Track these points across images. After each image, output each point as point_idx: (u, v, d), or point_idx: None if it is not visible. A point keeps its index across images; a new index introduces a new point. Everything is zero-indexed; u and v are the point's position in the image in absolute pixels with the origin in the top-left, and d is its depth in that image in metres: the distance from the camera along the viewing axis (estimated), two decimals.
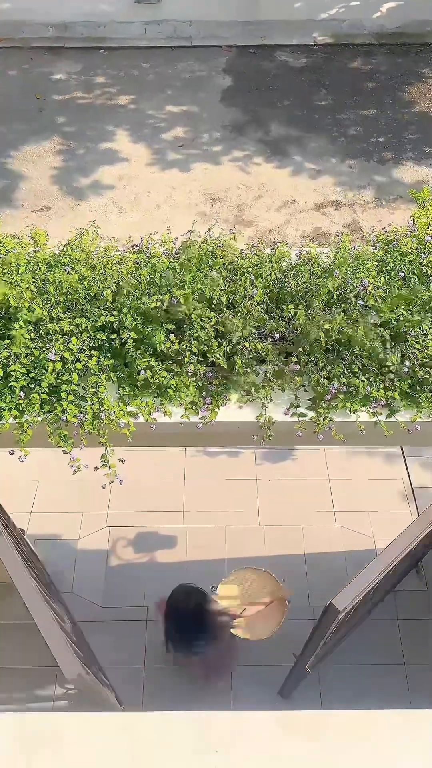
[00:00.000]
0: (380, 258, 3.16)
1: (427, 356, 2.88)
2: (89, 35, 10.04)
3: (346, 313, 2.92)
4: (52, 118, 8.95)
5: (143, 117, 9.00)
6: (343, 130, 8.85)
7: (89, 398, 2.82)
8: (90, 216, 7.70)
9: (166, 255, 3.14)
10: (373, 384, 2.89)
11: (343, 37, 10.14)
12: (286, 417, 2.92)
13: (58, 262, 3.10)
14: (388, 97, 9.30)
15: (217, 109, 9.13)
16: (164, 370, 2.84)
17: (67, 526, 5.69)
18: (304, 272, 3.04)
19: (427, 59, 9.92)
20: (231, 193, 8.13)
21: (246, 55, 9.93)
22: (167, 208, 7.95)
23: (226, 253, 3.09)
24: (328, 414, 2.89)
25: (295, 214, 7.93)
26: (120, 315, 2.86)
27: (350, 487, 5.98)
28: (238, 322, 2.84)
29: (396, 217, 7.77)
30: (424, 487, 6.00)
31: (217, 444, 5.07)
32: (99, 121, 8.93)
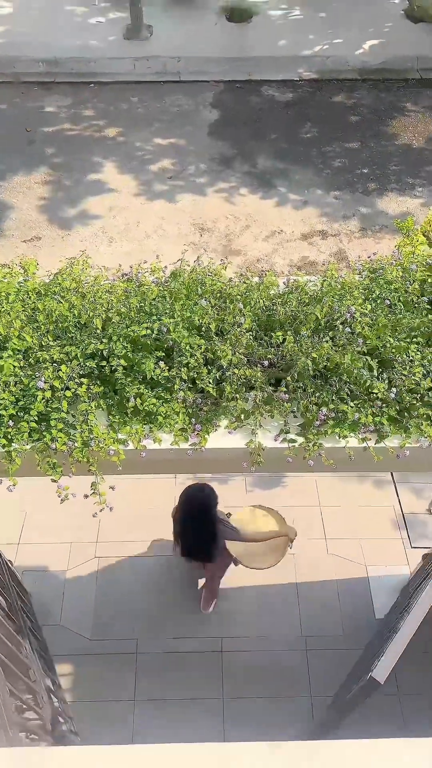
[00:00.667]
0: (366, 286, 3.21)
1: (414, 382, 2.91)
2: (79, 70, 10.26)
3: (334, 340, 2.95)
4: (42, 150, 9.08)
5: (131, 149, 9.15)
6: (328, 163, 9.04)
7: (78, 426, 2.81)
8: (80, 246, 7.77)
9: (156, 283, 3.17)
10: (361, 410, 2.90)
11: (327, 73, 10.43)
12: (276, 443, 2.92)
13: (48, 291, 3.12)
14: (372, 131, 9.54)
15: (204, 142, 9.31)
16: (154, 397, 2.85)
17: (55, 557, 5.61)
18: (292, 300, 3.07)
19: (408, 94, 10.21)
20: (219, 223, 8.24)
21: (233, 90, 10.18)
22: (157, 238, 8.04)
23: (215, 281, 3.12)
24: (318, 440, 2.90)
25: (282, 243, 8.05)
26: (110, 342, 2.87)
27: (341, 514, 5.96)
28: (228, 348, 2.86)
29: (381, 247, 7.91)
30: (415, 513, 6.00)
31: (208, 471, 5.05)
32: (88, 153, 9.07)
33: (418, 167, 9.00)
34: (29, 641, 3.89)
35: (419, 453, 2.99)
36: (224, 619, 5.35)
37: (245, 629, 5.30)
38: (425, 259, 3.36)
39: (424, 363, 2.95)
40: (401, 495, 6.10)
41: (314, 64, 10.46)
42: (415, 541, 5.81)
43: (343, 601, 5.46)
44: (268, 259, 7.81)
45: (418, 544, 5.76)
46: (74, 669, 5.11)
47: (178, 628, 5.29)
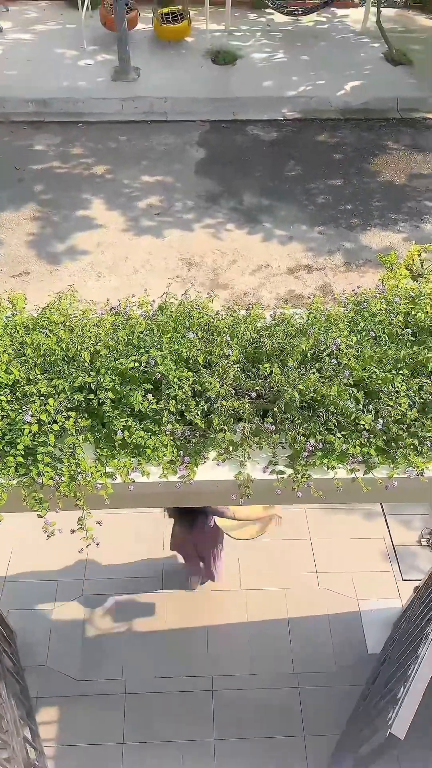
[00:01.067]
0: (351, 318, 3.25)
1: (400, 413, 2.93)
2: (68, 110, 10.48)
3: (320, 372, 2.98)
4: (31, 187, 9.21)
5: (119, 186, 9.31)
6: (313, 199, 9.24)
7: (66, 459, 2.79)
8: (68, 280, 7.82)
9: (144, 317, 3.20)
10: (349, 441, 2.91)
11: (310, 113, 10.73)
12: (264, 475, 2.92)
13: (37, 325, 3.13)
14: (354, 168, 9.78)
15: (191, 179, 9.49)
16: (142, 430, 2.84)
17: (42, 595, 5.50)
18: (279, 332, 3.10)
19: (390, 133, 10.51)
20: (206, 258, 8.35)
21: (219, 130, 10.43)
22: (144, 273, 8.12)
23: (202, 314, 3.15)
24: (306, 471, 2.90)
25: (269, 277, 8.16)
26: (98, 375, 2.88)
27: (332, 546, 5.91)
28: (215, 381, 2.87)
29: (366, 280, 8.04)
30: (406, 545, 5.97)
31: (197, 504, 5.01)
32: (76, 190, 9.21)
33: (400, 203, 9.22)
34: (4, 685, 3.76)
35: (407, 484, 2.99)
36: (215, 655, 5.24)
37: (236, 666, 5.20)
38: (408, 292, 3.41)
39: (410, 394, 2.98)
40: (391, 527, 6.08)
41: (298, 105, 10.78)
42: (407, 573, 5.77)
43: (335, 636, 5.38)
44: (255, 293, 7.90)
45: (410, 576, 5.72)
46: (60, 712, 4.97)
47: (168, 666, 5.18)
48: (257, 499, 2.98)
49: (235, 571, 5.71)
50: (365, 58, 11.67)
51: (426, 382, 3.00)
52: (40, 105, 10.48)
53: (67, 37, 11.64)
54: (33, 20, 12.10)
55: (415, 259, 4.58)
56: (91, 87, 10.71)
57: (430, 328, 3.19)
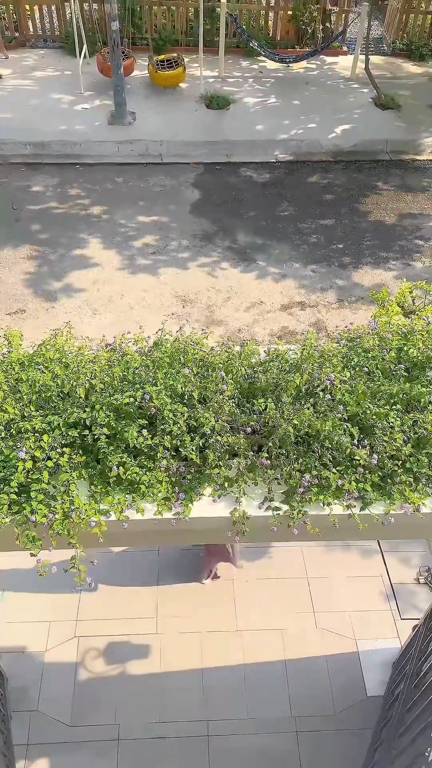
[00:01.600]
0: (345, 354, 3.28)
1: (395, 448, 2.93)
2: (65, 153, 10.72)
3: (315, 407, 2.99)
4: (28, 227, 9.35)
5: (116, 226, 9.46)
6: (305, 238, 9.40)
7: (59, 497, 2.77)
8: (64, 317, 7.88)
9: (139, 353, 3.22)
10: (344, 476, 2.90)
11: (302, 155, 11.01)
12: (260, 511, 2.90)
13: (32, 362, 3.14)
14: (346, 208, 9.99)
15: (186, 219, 9.67)
16: (137, 466, 2.83)
17: (33, 637, 5.37)
18: (273, 368, 3.12)
19: (379, 174, 10.78)
20: (201, 295, 8.45)
21: (213, 171, 10.68)
22: (140, 310, 8.19)
23: (197, 350, 3.18)
24: (302, 507, 2.88)
25: (263, 314, 8.24)
26: (93, 411, 2.87)
27: (329, 585, 5.83)
28: (210, 416, 2.88)
29: (358, 317, 8.13)
30: (403, 583, 5.89)
31: (192, 542, 4.96)
32: (73, 230, 9.35)
33: (390, 242, 9.39)
34: None
35: (404, 520, 2.97)
36: (210, 698, 5.11)
37: (233, 710, 5.06)
38: (400, 328, 3.46)
39: (404, 429, 2.99)
40: (389, 564, 6.01)
41: (290, 147, 11.07)
42: (405, 612, 5.68)
43: (334, 677, 5.26)
44: (249, 329, 7.96)
45: (408, 615, 5.63)
46: (51, 760, 4.80)
47: (162, 711, 5.03)
48: (253, 537, 2.95)
49: (231, 611, 5.61)
50: (355, 103, 12.05)
51: (420, 417, 3.01)
52: (38, 147, 10.71)
53: (65, 83, 11.99)
54: (32, 67, 12.47)
55: (407, 296, 4.65)
56: (88, 130, 10.98)
57: (423, 363, 3.22)
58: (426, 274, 8.59)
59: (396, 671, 5.11)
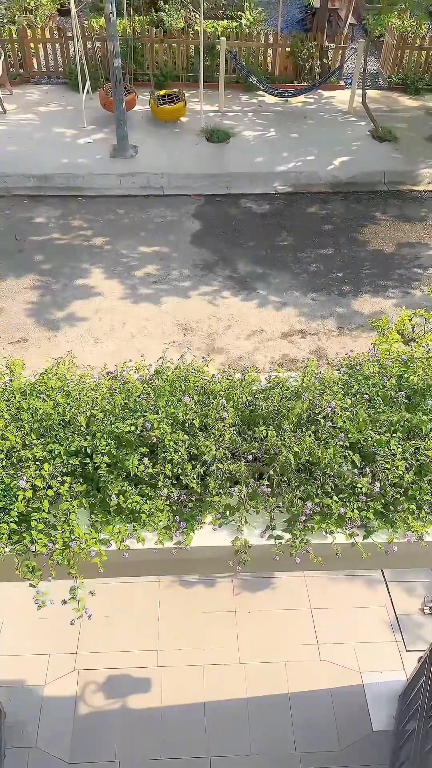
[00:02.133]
0: (345, 381, 3.28)
1: (397, 476, 2.91)
2: (68, 185, 10.90)
3: (316, 434, 2.98)
4: (31, 257, 9.46)
5: (118, 256, 9.57)
6: (305, 267, 9.50)
7: (60, 526, 2.75)
8: (66, 346, 7.92)
9: (141, 381, 3.23)
10: (346, 504, 2.89)
11: (301, 187, 11.19)
12: (262, 540, 2.87)
13: (34, 390, 3.15)
14: (345, 238, 10.11)
15: (187, 249, 9.78)
16: (137, 495, 2.82)
17: (32, 670, 5.28)
18: (274, 395, 3.13)
19: (377, 204, 10.93)
20: (202, 323, 8.50)
21: (213, 203, 10.84)
22: (141, 338, 8.24)
23: (198, 377, 3.19)
24: (304, 536, 2.85)
25: (263, 342, 8.28)
26: (94, 439, 2.87)
27: (333, 616, 5.74)
28: (211, 444, 2.87)
29: (359, 344, 8.16)
30: (408, 614, 5.80)
31: (193, 572, 4.91)
32: (75, 260, 9.46)
33: (389, 270, 9.48)
34: None
35: (407, 548, 2.95)
36: (213, 734, 4.99)
37: (236, 746, 4.94)
38: (401, 355, 3.47)
39: (406, 456, 2.98)
40: (393, 594, 5.93)
41: (289, 179, 11.24)
42: (411, 644, 5.58)
43: (339, 712, 5.15)
44: (250, 357, 7.99)
45: (414, 647, 5.53)
46: None
47: (164, 747, 4.92)
48: (255, 566, 2.92)
49: (234, 643, 5.52)
50: (352, 135, 12.28)
51: (421, 445, 3.01)
52: (41, 180, 10.90)
53: (68, 118, 12.25)
54: (36, 102, 12.77)
55: (407, 324, 4.68)
56: (90, 163, 11.18)
57: (423, 390, 3.22)
58: (425, 302, 8.65)
59: (404, 705, 5.00)
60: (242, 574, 5.09)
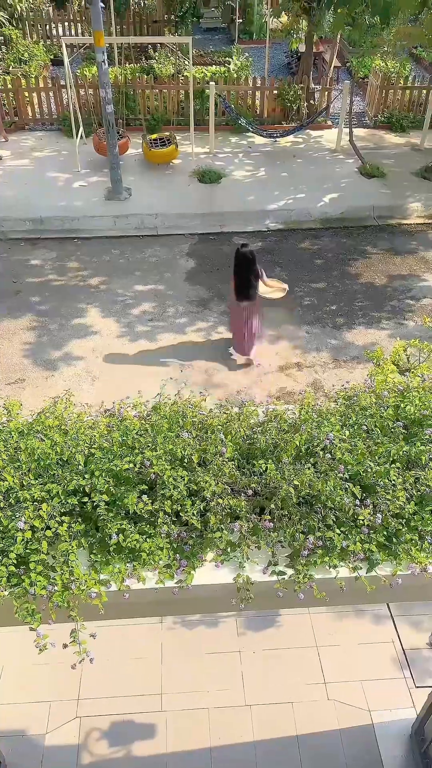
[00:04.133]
0: (342, 413, 3.30)
1: (398, 507, 2.90)
2: (64, 227, 11.08)
3: (316, 467, 2.98)
4: (28, 299, 9.55)
5: (114, 295, 9.67)
6: (298, 301, 9.60)
7: (59, 567, 2.72)
8: (64, 386, 7.93)
9: (138, 417, 3.23)
10: (349, 537, 2.86)
11: (292, 224, 11.39)
12: (264, 576, 2.84)
13: (31, 430, 3.15)
14: (337, 272, 10.25)
15: (182, 287, 9.90)
16: (137, 533, 2.79)
17: (33, 719, 5.13)
18: (272, 428, 3.13)
19: (368, 238, 11.11)
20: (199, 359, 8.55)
21: (207, 241, 11.01)
22: (139, 375, 8.27)
23: (195, 412, 3.20)
24: (308, 571, 2.82)
25: (260, 376, 8.32)
26: (92, 478, 2.86)
27: (340, 654, 5.62)
28: (211, 479, 2.86)
29: (355, 375, 8.19)
30: (416, 649, 5.68)
31: (195, 611, 4.83)
32: (72, 300, 9.55)
33: (382, 302, 9.58)
34: None
35: (412, 581, 2.91)
36: None
37: None
38: (397, 386, 3.49)
39: (406, 486, 2.97)
40: (400, 629, 5.82)
41: (280, 217, 11.45)
42: (420, 680, 5.46)
43: (349, 752, 5.00)
44: (248, 391, 8.01)
45: (423, 683, 5.41)
46: None
47: None
48: (259, 604, 2.88)
49: (239, 685, 5.39)
50: (341, 173, 12.56)
51: (421, 475, 3.00)
52: (36, 223, 11.08)
53: (63, 162, 12.53)
54: (30, 148, 13.06)
55: (401, 354, 4.72)
56: (85, 206, 11.38)
57: (420, 420, 3.23)
58: (419, 333, 8.72)
59: (416, 743, 4.87)
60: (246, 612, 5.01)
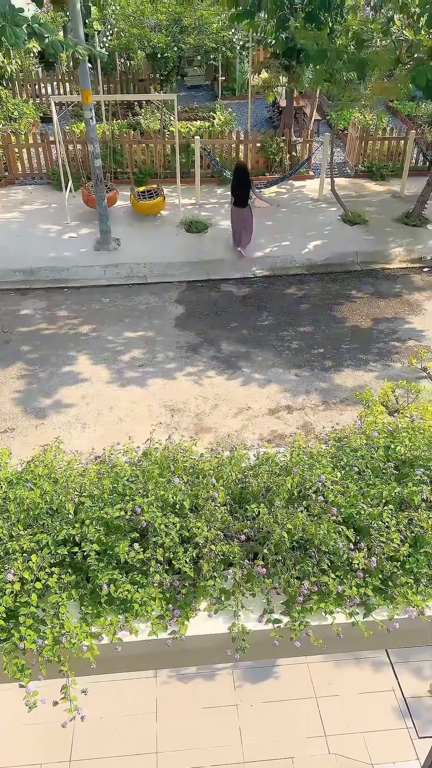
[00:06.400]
0: (333, 454, 3.30)
1: (393, 549, 2.87)
2: (54, 278, 11.22)
3: (308, 510, 2.96)
4: (18, 348, 9.59)
5: (104, 342, 9.74)
6: (287, 345, 9.71)
7: (49, 620, 2.65)
8: (54, 433, 7.89)
9: (129, 463, 3.21)
10: (344, 581, 2.82)
11: (278, 270, 11.61)
12: (260, 625, 2.78)
13: (20, 479, 3.12)
14: (323, 315, 10.41)
15: (172, 332, 9.99)
16: (129, 583, 2.74)
17: None
18: (263, 472, 3.12)
19: (352, 283, 11.33)
20: (189, 403, 8.55)
21: (195, 288, 11.18)
22: (129, 421, 8.25)
23: (187, 457, 3.18)
24: (304, 618, 2.77)
25: (251, 419, 8.32)
26: (82, 527, 2.82)
27: (339, 704, 5.46)
28: (203, 525, 2.83)
29: (345, 417, 8.22)
30: (417, 697, 5.53)
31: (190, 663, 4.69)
32: (62, 348, 9.60)
33: (368, 345, 9.70)
34: None
35: (409, 625, 2.86)
36: None
37: None
38: (386, 426, 3.50)
39: (400, 528, 2.95)
40: (400, 676, 5.67)
41: (266, 263, 11.68)
42: (423, 730, 5.29)
43: None
44: (239, 435, 8.00)
45: (426, 733, 5.25)
46: None
47: None
48: (255, 653, 2.81)
49: (237, 741, 5.20)
50: (324, 221, 12.88)
51: (414, 516, 2.99)
52: (27, 274, 11.22)
53: (52, 215, 12.77)
54: (21, 201, 13.33)
55: (390, 396, 4.76)
56: (75, 256, 11.56)
57: (411, 460, 3.24)
58: (405, 374, 8.80)
59: None
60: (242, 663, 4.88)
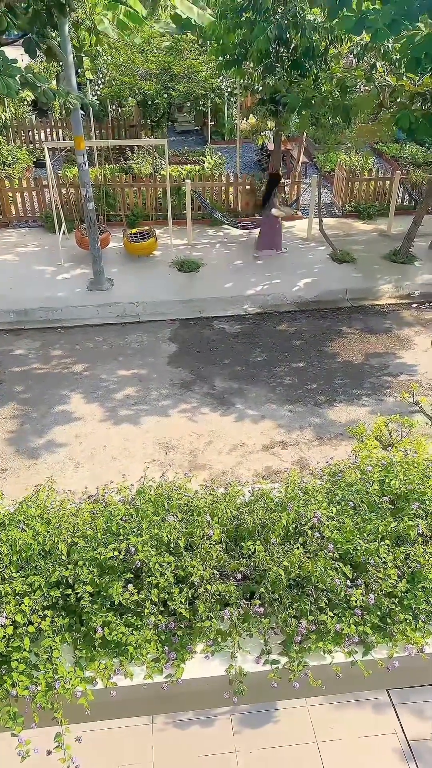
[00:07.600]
0: (328, 489, 3.29)
1: (391, 585, 2.85)
2: (47, 318, 11.30)
3: (305, 546, 2.94)
4: (11, 388, 9.58)
5: (97, 381, 9.75)
6: (279, 381, 9.75)
7: (42, 665, 2.59)
8: (46, 473, 7.82)
9: (123, 502, 3.19)
10: (342, 619, 2.79)
11: (269, 307, 11.75)
12: (258, 666, 2.73)
13: (12, 520, 3.09)
14: (315, 351, 10.49)
15: (165, 370, 10.03)
16: (123, 625, 2.69)
17: None
18: (259, 508, 3.11)
19: (343, 319, 11.47)
20: (183, 440, 8.52)
21: (188, 326, 11.27)
22: (123, 459, 8.19)
23: (181, 495, 3.17)
24: (302, 658, 2.72)
25: (245, 455, 8.29)
26: (75, 568, 2.78)
27: (341, 749, 5.30)
28: (198, 564, 2.80)
29: (339, 452, 8.20)
30: (422, 739, 5.38)
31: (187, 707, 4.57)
32: (55, 388, 9.60)
33: (361, 380, 9.76)
34: None
35: (409, 663, 2.82)
36: None
37: None
38: (380, 460, 3.51)
39: (397, 564, 2.93)
40: (403, 718, 5.53)
41: (257, 301, 11.83)
42: None
43: None
44: (233, 471, 7.95)
45: None
46: None
47: None
48: (253, 696, 2.75)
49: None
50: (313, 259, 13.11)
51: (411, 551, 2.97)
52: (20, 314, 11.30)
53: (46, 257, 12.94)
54: (14, 244, 13.52)
55: (383, 430, 4.77)
56: (68, 297, 11.68)
57: (406, 494, 3.23)
58: (398, 408, 8.83)
59: None
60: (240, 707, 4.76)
